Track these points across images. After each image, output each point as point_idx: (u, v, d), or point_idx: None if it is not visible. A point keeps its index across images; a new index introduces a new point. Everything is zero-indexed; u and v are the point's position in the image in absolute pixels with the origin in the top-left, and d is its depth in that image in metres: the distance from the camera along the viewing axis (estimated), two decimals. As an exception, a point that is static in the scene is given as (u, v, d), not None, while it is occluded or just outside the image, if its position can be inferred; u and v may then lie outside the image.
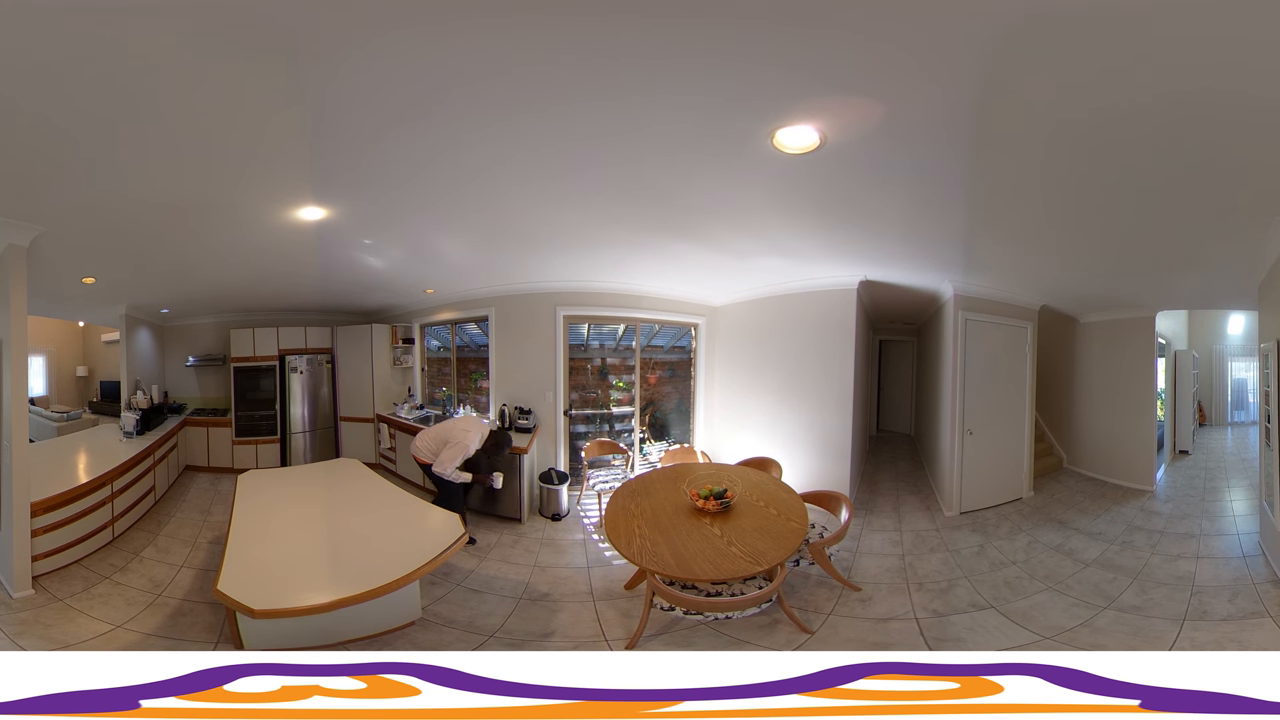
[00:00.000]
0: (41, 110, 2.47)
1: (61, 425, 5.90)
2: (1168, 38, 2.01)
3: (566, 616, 3.75)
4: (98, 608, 3.68)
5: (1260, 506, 4.25)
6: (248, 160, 3.07)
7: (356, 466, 5.10)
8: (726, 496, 4.01)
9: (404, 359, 6.47)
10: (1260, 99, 2.28)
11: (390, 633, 3.48)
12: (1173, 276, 4.58)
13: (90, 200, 3.38)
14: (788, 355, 5.50)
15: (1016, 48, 2.09)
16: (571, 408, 5.79)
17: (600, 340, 5.95)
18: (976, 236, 3.86)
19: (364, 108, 2.58)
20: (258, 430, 6.06)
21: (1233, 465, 5.33)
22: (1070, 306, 5.56)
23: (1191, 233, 3.60)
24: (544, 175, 3.27)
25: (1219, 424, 5.78)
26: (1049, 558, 4.31)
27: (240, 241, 4.29)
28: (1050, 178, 3.07)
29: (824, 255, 4.63)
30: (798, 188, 3.27)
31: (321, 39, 2.13)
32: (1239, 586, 3.73)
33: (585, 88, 2.42)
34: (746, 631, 3.49)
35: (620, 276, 5.41)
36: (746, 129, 2.68)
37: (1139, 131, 2.55)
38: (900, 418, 6.93)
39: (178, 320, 6.24)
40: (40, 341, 6.05)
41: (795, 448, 5.31)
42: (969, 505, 5.04)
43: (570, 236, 4.43)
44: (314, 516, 4.04)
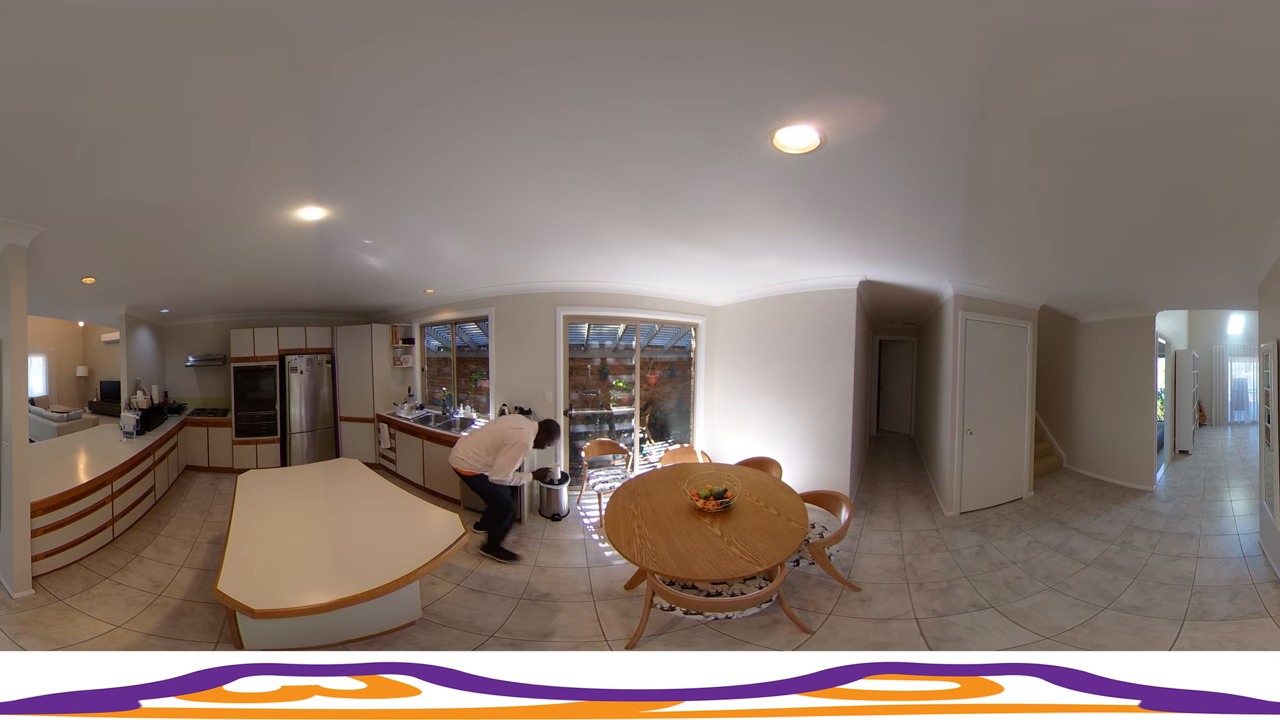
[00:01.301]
0: (42, 110, 2.47)
1: (61, 425, 5.91)
2: (1169, 39, 2.01)
3: (566, 616, 3.75)
4: (98, 608, 3.68)
5: (1260, 506, 4.26)
6: (247, 160, 3.07)
7: (356, 467, 5.10)
8: (726, 496, 4.01)
9: (404, 359, 6.47)
10: (1261, 99, 2.28)
11: (390, 633, 3.48)
12: (1173, 276, 4.57)
13: (90, 200, 3.37)
14: (788, 355, 5.50)
15: (1017, 48, 2.09)
16: (571, 408, 5.79)
17: (600, 340, 5.95)
18: (976, 236, 3.86)
19: (363, 107, 2.57)
20: (258, 430, 6.06)
21: (1233, 465, 5.33)
22: (1070, 306, 5.56)
23: (1192, 232, 3.60)
24: (544, 175, 3.27)
25: (1219, 424, 5.78)
26: (1049, 558, 4.31)
27: (240, 242, 4.29)
28: (1050, 178, 3.07)
29: (824, 255, 4.63)
30: (798, 188, 3.27)
31: (320, 39, 2.13)
32: (1239, 586, 3.73)
33: (585, 88, 2.42)
34: (746, 631, 3.49)
35: (620, 276, 5.41)
36: (747, 129, 2.68)
37: (1139, 131, 2.55)
38: (900, 418, 6.93)
39: (178, 320, 6.24)
40: (40, 341, 6.05)
41: (795, 448, 5.31)
42: (969, 505, 5.04)
43: (570, 236, 4.43)
44: (314, 517, 4.04)
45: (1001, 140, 2.69)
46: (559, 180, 3.33)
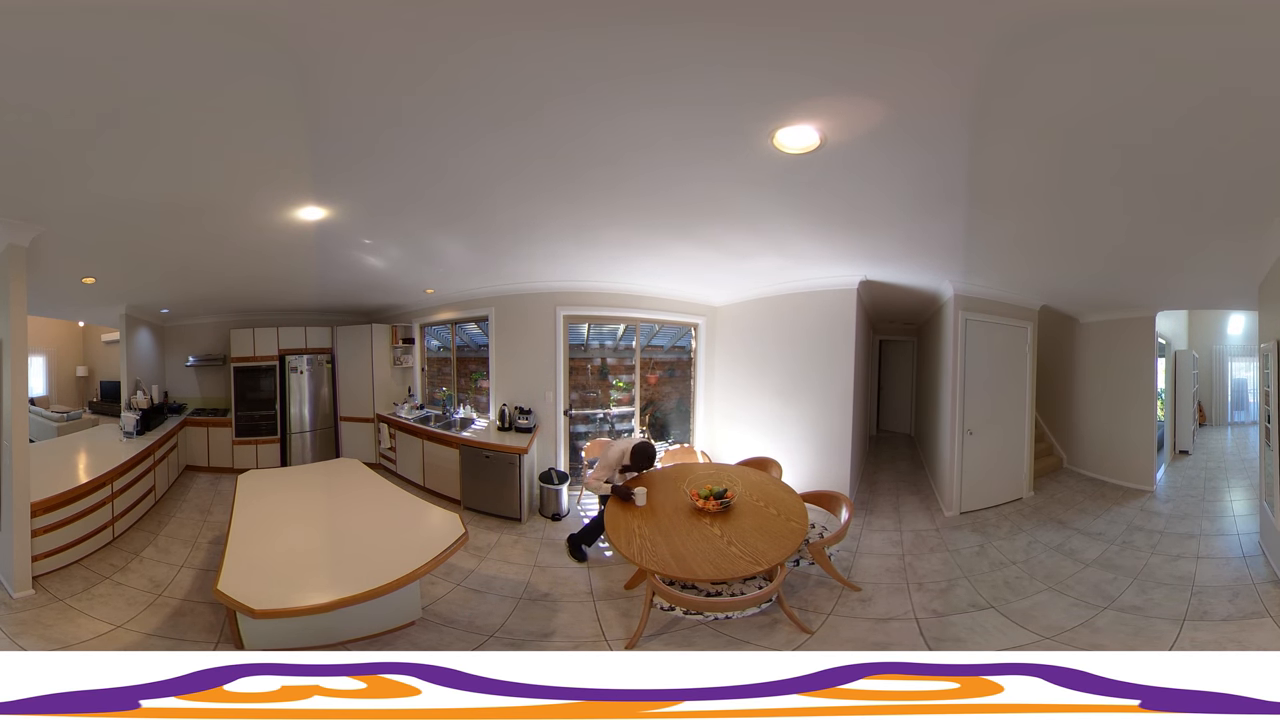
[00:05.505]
0: (42, 111, 2.47)
1: (61, 425, 5.90)
2: (1170, 39, 2.01)
3: (566, 616, 3.75)
4: (98, 608, 3.68)
5: (1260, 506, 4.25)
6: (247, 160, 3.07)
7: (357, 466, 5.10)
8: (726, 496, 4.01)
9: (404, 359, 6.47)
10: (1262, 100, 2.28)
11: (390, 633, 3.48)
12: (1173, 276, 4.57)
13: (90, 200, 3.37)
14: (788, 355, 5.50)
15: (1018, 47, 2.09)
16: (571, 408, 5.79)
17: (600, 340, 5.95)
18: (976, 236, 3.86)
19: (364, 107, 2.58)
20: (258, 430, 6.06)
21: (1233, 465, 5.33)
22: (1070, 306, 5.56)
23: (1192, 232, 3.60)
24: (544, 175, 3.27)
25: (1219, 424, 5.78)
26: (1049, 558, 4.31)
27: (240, 241, 4.29)
28: (1051, 178, 3.07)
29: (824, 255, 4.63)
30: (798, 188, 3.27)
31: (321, 39, 2.13)
32: (1239, 586, 3.73)
33: (584, 89, 2.42)
34: (746, 631, 3.49)
35: (620, 276, 5.41)
36: (746, 129, 2.67)
37: (1140, 132, 2.55)
38: (900, 418, 6.93)
39: (178, 320, 6.24)
40: (40, 341, 6.05)
41: (795, 448, 5.31)
42: (969, 505, 5.04)
43: (570, 236, 4.43)
44: (314, 516, 4.04)
45: (1002, 140, 2.69)
46: (560, 180, 3.33)
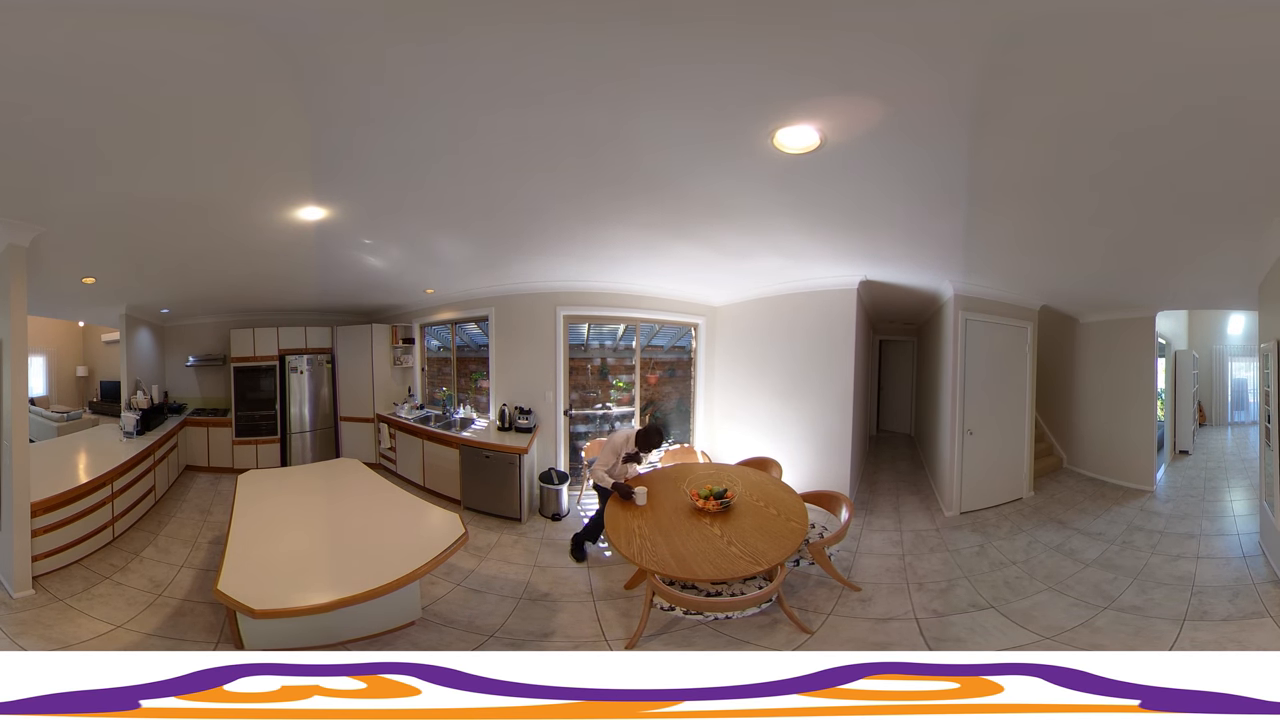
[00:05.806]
0: (42, 111, 2.47)
1: (61, 425, 5.90)
2: (1170, 40, 2.01)
3: (566, 616, 3.75)
4: (98, 608, 3.68)
5: (1260, 506, 4.25)
6: (247, 160, 3.07)
7: (357, 466, 5.10)
8: (726, 496, 4.01)
9: (404, 359, 6.47)
10: (1262, 100, 2.28)
11: (390, 633, 3.48)
12: (1173, 277, 4.57)
13: (90, 200, 3.37)
14: (788, 355, 5.50)
15: (1018, 47, 2.09)
16: (571, 408, 5.79)
17: (600, 340, 5.94)
18: (976, 236, 3.86)
19: (363, 106, 2.58)
20: (258, 430, 6.06)
21: (1233, 465, 5.33)
22: (1070, 306, 5.56)
23: (1192, 233, 3.60)
24: (544, 175, 3.27)
25: (1219, 424, 5.77)
26: (1049, 558, 4.31)
27: (240, 241, 4.29)
28: (1051, 177, 3.07)
29: (824, 255, 4.63)
30: (798, 188, 3.27)
31: (321, 39, 2.13)
32: (1239, 586, 3.73)
33: (584, 89, 2.42)
34: (746, 631, 3.49)
35: (620, 276, 5.41)
36: (746, 129, 2.67)
37: (1140, 132, 2.55)
38: (900, 418, 6.93)
39: (178, 320, 6.24)
40: (40, 341, 6.05)
41: (795, 448, 5.31)
42: (969, 505, 5.04)
43: (570, 236, 4.43)
44: (314, 517, 4.04)
45: (1002, 140, 2.69)
46: (560, 180, 3.33)
